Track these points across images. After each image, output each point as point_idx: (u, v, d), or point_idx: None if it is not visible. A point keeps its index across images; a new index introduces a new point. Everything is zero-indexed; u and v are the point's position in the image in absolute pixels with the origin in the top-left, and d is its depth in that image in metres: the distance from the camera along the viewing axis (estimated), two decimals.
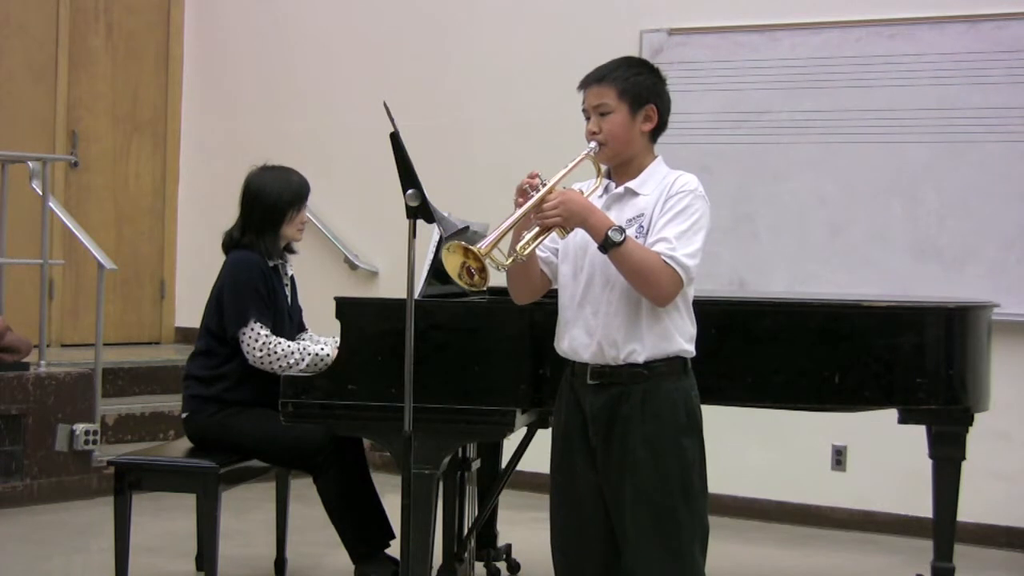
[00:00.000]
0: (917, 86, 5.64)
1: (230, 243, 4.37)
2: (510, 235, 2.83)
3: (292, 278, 4.50)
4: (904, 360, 3.77)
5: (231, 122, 7.48)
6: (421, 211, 3.06)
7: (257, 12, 7.48)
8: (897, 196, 5.71)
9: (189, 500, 4.16)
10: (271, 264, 4.33)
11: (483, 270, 2.73)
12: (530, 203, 2.80)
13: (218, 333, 4.27)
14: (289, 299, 4.44)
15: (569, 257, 2.97)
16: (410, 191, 3.03)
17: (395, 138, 3.06)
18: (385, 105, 3.06)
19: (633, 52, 5.93)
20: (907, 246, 5.67)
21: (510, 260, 2.83)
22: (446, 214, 3.79)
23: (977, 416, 3.98)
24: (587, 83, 2.97)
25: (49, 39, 7.14)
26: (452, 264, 2.74)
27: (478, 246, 2.72)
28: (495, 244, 2.74)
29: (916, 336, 3.79)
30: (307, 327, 4.55)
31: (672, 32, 6.08)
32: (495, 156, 6.56)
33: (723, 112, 5.86)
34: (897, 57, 5.69)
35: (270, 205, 4.33)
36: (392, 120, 3.05)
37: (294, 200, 4.36)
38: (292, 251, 4.50)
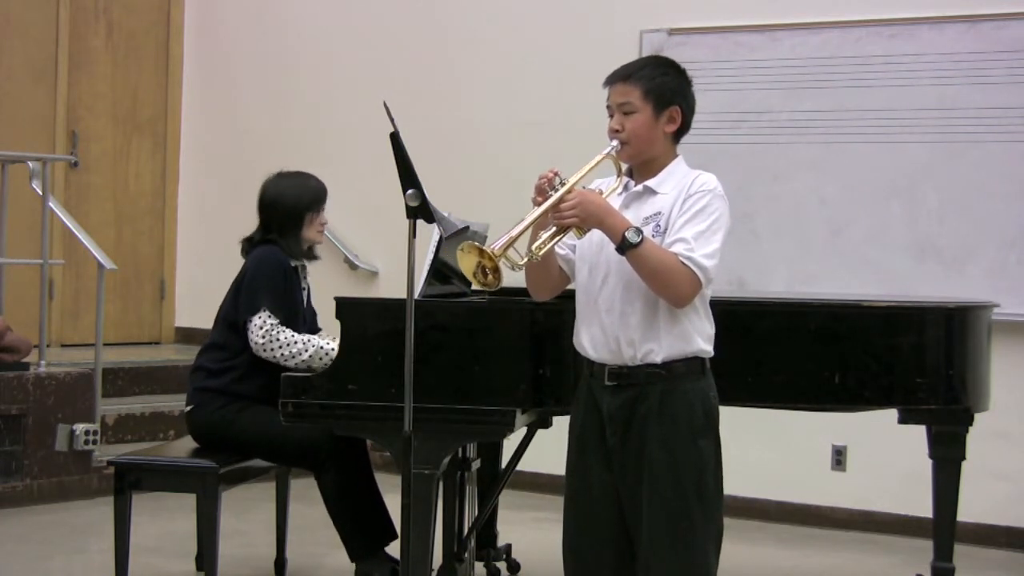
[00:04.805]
0: (917, 86, 5.64)
1: (249, 245, 4.41)
2: (527, 232, 2.82)
3: (309, 285, 4.53)
4: (904, 360, 3.77)
5: (231, 122, 7.48)
6: (421, 211, 3.06)
7: (257, 12, 7.48)
8: (897, 196, 5.71)
9: (189, 500, 4.16)
10: (293, 264, 4.36)
11: (497, 270, 2.72)
12: (548, 203, 2.79)
13: (234, 324, 4.29)
14: (305, 302, 4.47)
15: (585, 254, 2.96)
16: (410, 191, 3.03)
17: (395, 138, 3.07)
18: (385, 105, 3.06)
19: (633, 52, 5.96)
20: (907, 246, 5.67)
21: (525, 260, 2.82)
22: (446, 214, 3.80)
23: (977, 416, 3.98)
24: (612, 80, 2.95)
25: (49, 39, 7.14)
26: (467, 264, 2.74)
27: (491, 247, 2.71)
28: (510, 245, 2.74)
29: (916, 336, 3.79)
30: (321, 329, 4.58)
31: (672, 32, 6.08)
32: (495, 156, 6.56)
33: (723, 112, 5.86)
34: (897, 57, 5.69)
35: (289, 209, 4.37)
36: (392, 120, 3.05)
37: (312, 203, 4.42)
38: (315, 256, 4.53)
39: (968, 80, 5.56)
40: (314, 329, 4.53)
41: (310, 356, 4.19)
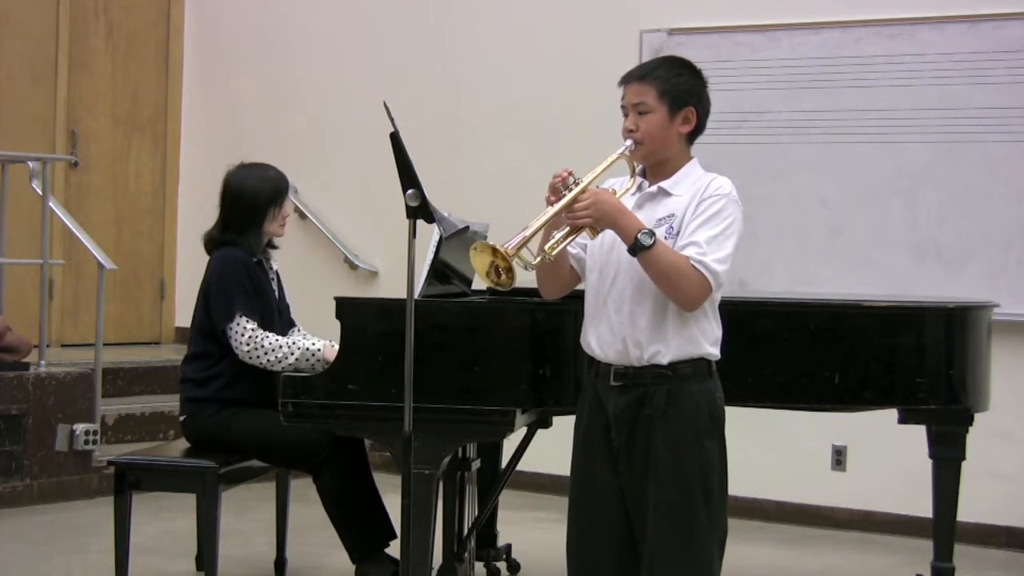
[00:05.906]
0: (917, 86, 5.64)
1: (211, 243, 4.37)
2: (539, 231, 2.81)
3: (277, 272, 4.50)
4: (904, 360, 3.77)
5: (231, 122, 7.48)
6: (421, 211, 3.06)
7: (257, 12, 7.48)
8: (897, 196, 5.71)
9: (189, 500, 4.16)
10: (255, 259, 4.33)
11: (510, 270, 2.72)
12: (562, 203, 2.78)
13: (209, 332, 4.26)
14: (277, 293, 4.44)
15: (595, 254, 2.95)
16: (410, 191, 3.03)
17: (395, 138, 3.07)
18: (385, 105, 3.06)
19: (633, 52, 5.97)
20: (907, 246, 5.67)
21: (538, 259, 2.82)
22: (446, 214, 3.80)
23: (977, 416, 3.98)
24: (628, 79, 2.96)
25: (49, 39, 7.14)
26: (480, 264, 2.73)
27: (505, 246, 2.70)
28: (524, 244, 2.73)
29: (916, 336, 3.79)
30: (296, 324, 4.55)
31: (672, 32, 6.08)
32: (495, 156, 6.57)
33: (723, 112, 5.77)
34: (897, 57, 5.69)
35: (250, 204, 4.32)
36: (392, 120, 3.06)
37: (274, 197, 4.35)
38: (274, 246, 4.49)
39: (968, 80, 5.56)
40: (291, 323, 4.50)
41: (296, 360, 4.16)
